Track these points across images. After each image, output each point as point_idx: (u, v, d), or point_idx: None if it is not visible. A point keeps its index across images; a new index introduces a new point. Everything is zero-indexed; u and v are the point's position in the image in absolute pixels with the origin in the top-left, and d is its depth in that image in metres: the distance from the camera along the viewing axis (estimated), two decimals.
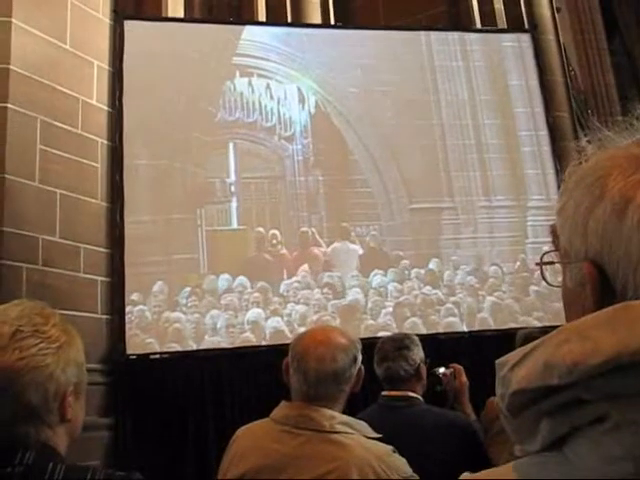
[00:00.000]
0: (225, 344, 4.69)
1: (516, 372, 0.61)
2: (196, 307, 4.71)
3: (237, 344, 4.70)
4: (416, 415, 2.36)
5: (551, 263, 0.72)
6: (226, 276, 4.82)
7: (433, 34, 5.77)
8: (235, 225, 5.04)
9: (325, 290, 4.96)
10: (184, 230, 4.87)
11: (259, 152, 5.24)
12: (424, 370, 2.50)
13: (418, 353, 2.49)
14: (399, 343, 2.50)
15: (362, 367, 1.82)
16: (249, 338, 4.73)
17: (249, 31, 5.40)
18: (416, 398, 2.42)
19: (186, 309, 4.69)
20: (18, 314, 1.12)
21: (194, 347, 4.63)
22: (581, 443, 0.59)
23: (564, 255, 0.69)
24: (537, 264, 0.74)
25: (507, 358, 0.64)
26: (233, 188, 5.08)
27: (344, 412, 1.79)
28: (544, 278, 0.75)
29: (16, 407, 1.07)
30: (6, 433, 1.08)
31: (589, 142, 0.70)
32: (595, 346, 0.56)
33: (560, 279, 0.71)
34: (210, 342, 4.66)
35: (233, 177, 5.09)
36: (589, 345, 0.57)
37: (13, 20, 4.35)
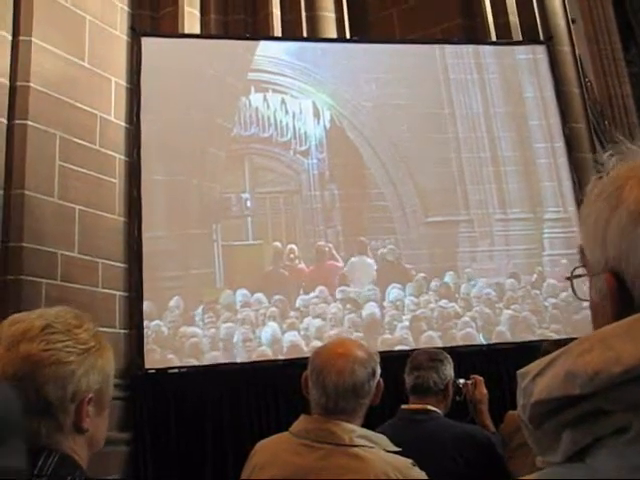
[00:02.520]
0: (241, 359, 4.72)
1: (538, 382, 0.62)
2: (213, 322, 4.73)
3: (254, 358, 4.71)
4: (435, 428, 2.39)
5: (579, 277, 0.72)
6: (242, 291, 4.85)
7: (447, 47, 5.80)
8: (251, 240, 5.06)
9: (341, 304, 4.98)
10: (200, 245, 4.91)
11: (275, 167, 5.27)
12: (451, 389, 2.56)
13: (450, 370, 2.57)
14: (434, 355, 2.60)
15: (381, 380, 1.84)
16: (266, 352, 4.74)
17: (264, 46, 5.46)
18: (435, 412, 2.46)
19: (202, 324, 4.71)
20: (55, 313, 1.17)
21: (211, 362, 4.65)
22: (603, 454, 0.58)
23: (589, 269, 0.69)
24: (567, 278, 0.75)
25: (528, 369, 0.64)
26: (249, 203, 5.11)
27: (363, 425, 1.80)
28: (575, 293, 0.75)
29: (32, 398, 1.06)
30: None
31: (611, 155, 0.70)
32: (616, 355, 0.57)
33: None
34: (227, 356, 4.68)
35: (249, 192, 5.13)
36: (611, 354, 0.57)
37: (33, 39, 4.45)
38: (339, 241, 5.15)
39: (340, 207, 5.22)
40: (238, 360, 4.71)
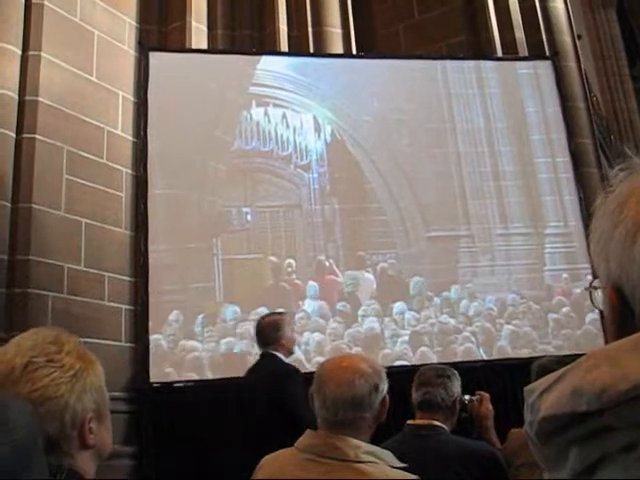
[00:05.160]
0: (242, 373, 4.82)
1: (545, 398, 0.63)
2: (212, 336, 4.84)
3: None
4: (440, 444, 2.45)
5: (595, 288, 0.75)
6: (243, 304, 4.97)
7: (448, 62, 5.97)
8: (251, 254, 5.17)
9: (341, 319, 5.10)
10: (201, 259, 5.03)
11: (275, 181, 5.40)
12: (458, 406, 2.65)
13: (457, 387, 2.65)
14: (441, 372, 2.67)
15: (387, 397, 1.86)
16: None
17: (265, 61, 5.62)
18: (440, 427, 2.52)
19: (202, 338, 4.83)
20: (32, 344, 1.14)
21: (210, 376, 4.76)
22: (612, 470, 0.59)
23: (600, 282, 0.73)
24: (586, 289, 0.78)
25: (535, 385, 0.66)
26: (249, 217, 5.23)
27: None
28: (593, 303, 0.76)
29: None
30: None
31: (620, 170, 0.73)
32: (623, 372, 0.58)
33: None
34: (226, 371, 4.78)
35: (249, 206, 5.25)
36: (617, 371, 0.59)
37: (42, 54, 4.62)
38: (339, 255, 5.28)
39: (340, 221, 5.36)
40: (239, 374, 4.81)
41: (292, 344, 3.73)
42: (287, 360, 3.66)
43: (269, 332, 3.68)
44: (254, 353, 4.82)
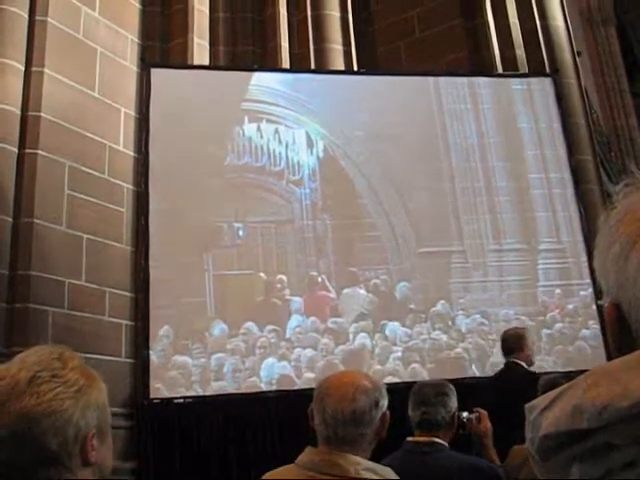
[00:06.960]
0: (231, 389, 4.90)
1: (546, 416, 0.64)
2: (203, 352, 4.94)
3: (243, 389, 4.91)
4: (441, 460, 2.48)
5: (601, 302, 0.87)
6: (233, 320, 5.07)
7: (442, 78, 6.12)
8: (242, 269, 5.27)
9: (332, 335, 5.19)
10: (192, 274, 5.14)
11: (267, 196, 5.52)
12: (456, 421, 2.68)
13: (454, 402, 2.67)
14: (439, 389, 2.68)
15: (388, 413, 1.90)
16: (256, 383, 4.95)
17: (258, 77, 5.78)
18: (441, 443, 2.55)
19: (193, 353, 4.92)
20: (36, 360, 1.17)
21: (200, 392, 4.86)
22: None
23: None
24: (599, 306, 0.92)
25: (536, 402, 0.67)
26: (241, 232, 5.34)
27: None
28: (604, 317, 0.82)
29: (35, 453, 1.11)
30: (27, 478, 1.11)
31: (626, 185, 0.74)
32: (624, 389, 0.59)
33: None
34: (216, 387, 4.87)
35: (241, 221, 5.37)
36: (618, 388, 0.59)
37: (45, 70, 4.76)
38: (331, 271, 5.40)
39: (332, 237, 5.49)
40: (238, 390, 4.90)
41: (532, 355, 4.18)
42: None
43: (513, 341, 4.13)
44: (244, 369, 4.91)
